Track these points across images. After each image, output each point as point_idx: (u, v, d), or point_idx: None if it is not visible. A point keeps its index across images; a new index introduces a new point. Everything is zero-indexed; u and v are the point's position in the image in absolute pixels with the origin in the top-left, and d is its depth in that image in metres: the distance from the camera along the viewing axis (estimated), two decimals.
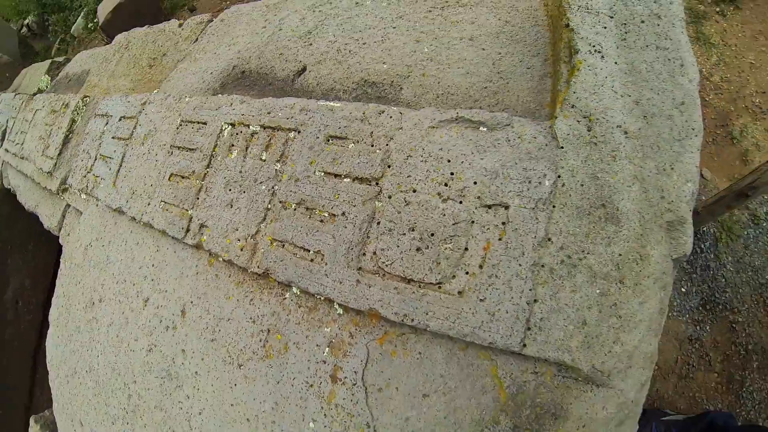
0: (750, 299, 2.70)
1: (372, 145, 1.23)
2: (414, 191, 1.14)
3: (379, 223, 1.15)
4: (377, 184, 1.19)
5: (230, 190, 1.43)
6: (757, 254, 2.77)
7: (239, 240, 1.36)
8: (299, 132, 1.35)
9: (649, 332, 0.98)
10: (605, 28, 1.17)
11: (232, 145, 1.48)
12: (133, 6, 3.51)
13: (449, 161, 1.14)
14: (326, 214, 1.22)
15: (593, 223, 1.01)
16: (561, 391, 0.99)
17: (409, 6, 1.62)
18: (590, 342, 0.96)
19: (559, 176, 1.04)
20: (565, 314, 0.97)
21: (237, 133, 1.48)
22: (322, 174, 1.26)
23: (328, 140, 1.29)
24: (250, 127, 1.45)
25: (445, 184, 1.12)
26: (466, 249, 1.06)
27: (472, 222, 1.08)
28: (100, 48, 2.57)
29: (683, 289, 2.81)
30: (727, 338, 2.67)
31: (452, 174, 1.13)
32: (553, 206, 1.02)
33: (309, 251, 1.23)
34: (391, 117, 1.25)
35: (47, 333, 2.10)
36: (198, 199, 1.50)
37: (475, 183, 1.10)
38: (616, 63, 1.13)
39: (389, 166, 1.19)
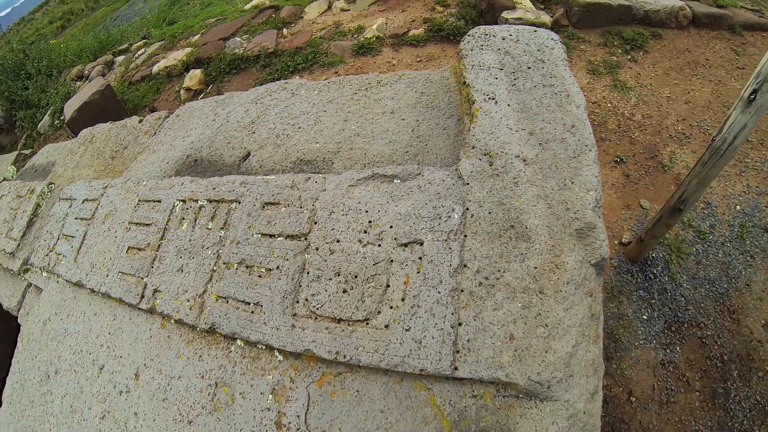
0: (714, 311, 2.63)
1: (300, 207, 1.34)
2: (338, 241, 1.25)
3: (308, 272, 1.24)
4: (306, 239, 1.29)
5: (181, 257, 1.48)
6: (710, 267, 2.73)
7: (189, 300, 1.40)
8: (239, 202, 1.46)
9: (583, 338, 0.97)
10: (497, 78, 1.33)
11: (183, 218, 1.56)
12: (98, 106, 3.66)
13: (367, 212, 1.26)
14: (263, 270, 1.30)
15: (505, 243, 1.06)
16: (504, 412, 0.96)
17: (338, 91, 1.83)
18: (521, 355, 0.95)
19: (467, 209, 1.12)
20: (491, 332, 0.98)
21: (187, 208, 1.57)
22: (259, 235, 1.36)
23: (264, 206, 1.40)
24: (198, 201, 1.55)
25: (365, 231, 1.24)
26: (388, 285, 1.14)
27: (391, 261, 1.17)
28: (66, 141, 2.64)
29: (645, 317, 2.69)
30: (700, 355, 2.55)
31: (370, 222, 1.25)
32: (465, 236, 1.10)
33: (249, 304, 1.28)
34: (316, 182, 1.38)
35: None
36: (152, 267, 1.54)
37: (391, 227, 1.21)
38: (509, 105, 1.26)
39: (315, 223, 1.30)
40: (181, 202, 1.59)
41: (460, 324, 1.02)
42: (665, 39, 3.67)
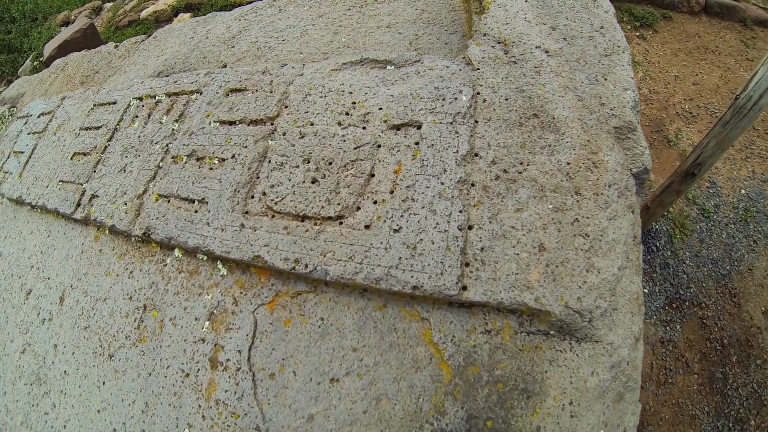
0: (715, 292, 2.30)
1: (271, 92, 0.94)
2: (311, 124, 0.85)
3: (270, 161, 0.83)
4: (272, 124, 0.88)
5: (126, 156, 1.07)
6: (713, 247, 2.39)
7: (126, 204, 0.98)
8: (201, 93, 1.05)
9: (628, 262, 0.64)
10: None
11: (136, 116, 1.15)
12: (79, 45, 3.18)
13: (351, 93, 0.87)
14: (216, 161, 0.89)
15: (528, 132, 0.75)
16: (529, 355, 0.60)
17: (329, 7, 1.44)
18: (555, 272, 0.61)
19: (477, 93, 0.81)
20: (514, 239, 0.64)
21: (142, 105, 1.16)
22: (217, 123, 0.95)
23: (228, 94, 1.00)
24: (156, 97, 1.14)
25: (346, 113, 0.84)
26: (372, 175, 0.75)
27: (378, 146, 0.78)
28: (38, 73, 2.24)
29: (646, 290, 2.34)
30: (700, 336, 2.25)
31: (354, 104, 0.85)
32: (475, 121, 0.77)
33: (194, 201, 0.87)
34: (293, 68, 0.98)
35: None
36: (95, 172, 1.13)
37: (380, 108, 0.82)
38: (526, 1, 0.97)
39: (286, 107, 0.90)
40: (138, 100, 1.19)
41: (470, 227, 0.66)
42: (676, 22, 3.26)
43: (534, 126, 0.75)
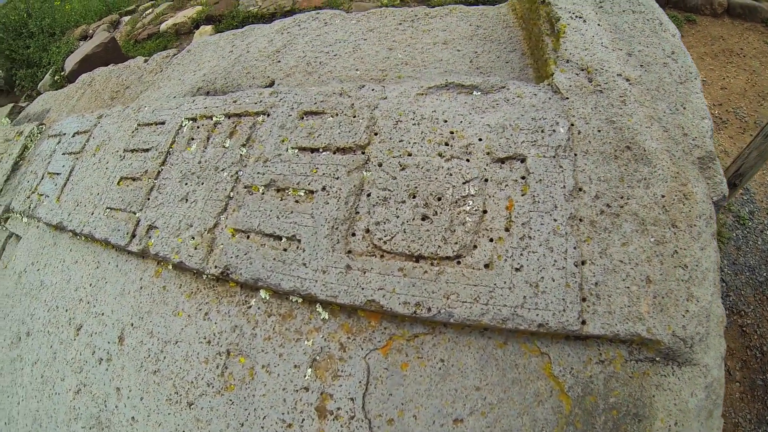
0: (754, 300, 2.22)
1: (354, 117, 0.83)
2: (409, 155, 0.75)
3: (369, 194, 0.73)
4: (363, 152, 0.78)
5: (186, 183, 0.95)
6: (750, 254, 2.31)
7: (193, 237, 0.87)
8: (268, 115, 0.93)
9: (715, 288, 0.65)
10: None
11: (192, 138, 1.02)
12: (101, 59, 2.98)
13: (446, 121, 0.77)
14: (302, 193, 0.78)
15: (624, 166, 0.71)
16: (638, 381, 0.62)
17: (379, 21, 1.33)
18: (662, 303, 0.62)
19: (572, 124, 0.75)
20: (623, 273, 0.63)
21: (198, 126, 1.04)
22: (296, 151, 0.84)
23: (302, 117, 0.89)
24: (214, 118, 1.02)
25: (446, 144, 0.74)
26: (485, 211, 0.67)
27: (486, 180, 0.70)
28: (63, 88, 2.06)
29: None
30: (740, 344, 2.16)
31: (452, 133, 0.75)
32: (575, 154, 0.72)
33: (281, 239, 0.76)
34: (373, 89, 0.87)
35: None
36: (149, 199, 1.00)
37: (480, 140, 0.73)
38: (599, 25, 0.92)
39: (376, 134, 0.79)
40: (191, 121, 1.06)
41: (583, 263, 0.64)
42: (700, 25, 3.15)
43: (629, 159, 0.73)
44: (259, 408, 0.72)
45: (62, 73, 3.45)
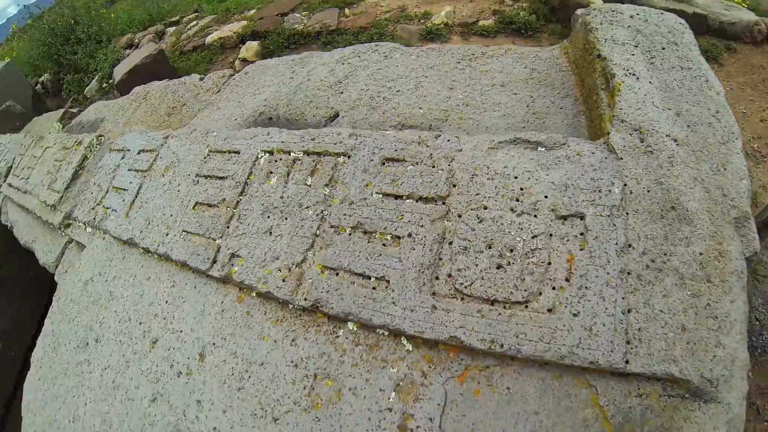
0: None
1: (433, 167, 0.93)
2: (485, 208, 0.85)
3: (451, 243, 0.83)
4: (444, 203, 0.88)
5: (269, 217, 1.04)
6: None
7: (280, 270, 0.96)
8: (349, 157, 1.03)
9: (742, 336, 0.75)
10: (633, 54, 1.05)
11: (271, 172, 1.12)
12: (149, 70, 3.06)
13: (516, 177, 0.88)
14: (389, 237, 0.88)
15: (668, 225, 0.82)
16: (669, 414, 0.73)
17: (438, 58, 1.43)
18: (693, 348, 0.73)
19: (625, 184, 0.86)
20: (662, 321, 0.74)
21: (276, 160, 1.13)
22: (381, 196, 0.94)
23: (384, 163, 0.99)
24: (291, 153, 1.11)
25: (517, 200, 0.85)
26: (549, 263, 0.78)
27: (550, 235, 0.81)
28: (116, 99, 2.13)
29: None
30: None
31: (522, 189, 0.86)
32: (627, 213, 0.83)
33: (370, 278, 0.86)
34: (449, 140, 0.97)
35: (26, 375, 1.43)
36: (228, 227, 1.09)
37: (546, 197, 0.84)
38: (650, 82, 1.01)
39: (455, 186, 0.90)
40: (268, 154, 1.15)
41: (629, 311, 0.75)
42: (740, 53, 3.08)
43: (673, 219, 0.83)
44: (345, 425, 0.82)
45: (110, 81, 3.55)
